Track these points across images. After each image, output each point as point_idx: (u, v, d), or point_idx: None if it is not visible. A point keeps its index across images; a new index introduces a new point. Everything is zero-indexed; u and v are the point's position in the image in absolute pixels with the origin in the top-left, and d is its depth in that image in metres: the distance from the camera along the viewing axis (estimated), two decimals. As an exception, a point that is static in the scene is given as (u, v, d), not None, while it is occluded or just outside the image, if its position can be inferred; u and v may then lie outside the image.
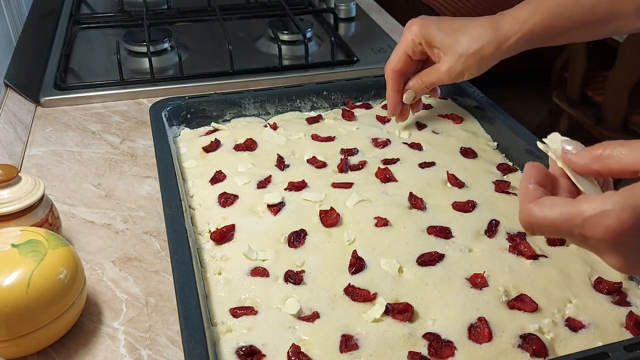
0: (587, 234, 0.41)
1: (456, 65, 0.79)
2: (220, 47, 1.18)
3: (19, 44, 1.17)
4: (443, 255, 0.67)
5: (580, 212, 0.41)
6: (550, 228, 0.43)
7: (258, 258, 0.67)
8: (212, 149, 0.86)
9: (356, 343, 0.58)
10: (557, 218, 0.42)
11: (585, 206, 0.40)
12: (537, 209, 0.43)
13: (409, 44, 0.83)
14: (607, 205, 0.39)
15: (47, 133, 0.98)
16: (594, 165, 0.43)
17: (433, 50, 0.82)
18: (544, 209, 0.43)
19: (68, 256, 0.61)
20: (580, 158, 0.44)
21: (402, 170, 0.81)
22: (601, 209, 0.39)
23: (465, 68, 0.80)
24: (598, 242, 0.41)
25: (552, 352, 0.57)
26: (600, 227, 0.40)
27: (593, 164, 0.43)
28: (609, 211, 0.39)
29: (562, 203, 0.42)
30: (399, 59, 0.84)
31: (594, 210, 0.40)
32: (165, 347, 0.62)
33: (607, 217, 0.39)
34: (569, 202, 0.42)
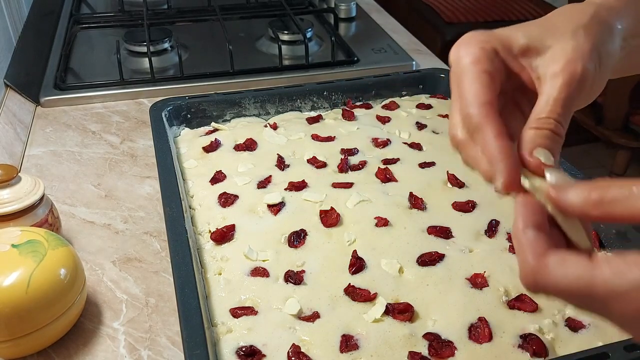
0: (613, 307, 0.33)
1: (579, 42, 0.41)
2: (221, 47, 1.18)
3: (19, 44, 1.17)
4: (443, 255, 0.67)
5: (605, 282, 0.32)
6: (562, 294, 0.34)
7: (258, 258, 0.67)
8: (212, 149, 0.86)
9: (356, 343, 0.58)
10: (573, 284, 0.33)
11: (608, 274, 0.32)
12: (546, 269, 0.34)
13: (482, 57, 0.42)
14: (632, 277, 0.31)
15: (47, 133, 0.98)
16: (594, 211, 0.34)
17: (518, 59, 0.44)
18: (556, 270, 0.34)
19: (68, 256, 0.61)
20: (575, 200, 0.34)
21: (402, 170, 0.81)
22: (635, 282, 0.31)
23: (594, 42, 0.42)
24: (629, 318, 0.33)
25: (552, 352, 0.57)
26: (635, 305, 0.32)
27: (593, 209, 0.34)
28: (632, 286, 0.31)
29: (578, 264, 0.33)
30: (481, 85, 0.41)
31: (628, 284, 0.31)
32: (165, 347, 0.62)
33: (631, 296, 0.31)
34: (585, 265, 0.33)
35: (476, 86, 0.41)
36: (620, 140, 2.02)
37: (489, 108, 0.40)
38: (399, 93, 1.00)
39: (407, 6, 2.65)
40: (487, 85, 0.41)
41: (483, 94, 0.41)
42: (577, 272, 0.33)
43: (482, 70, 0.41)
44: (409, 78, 1.01)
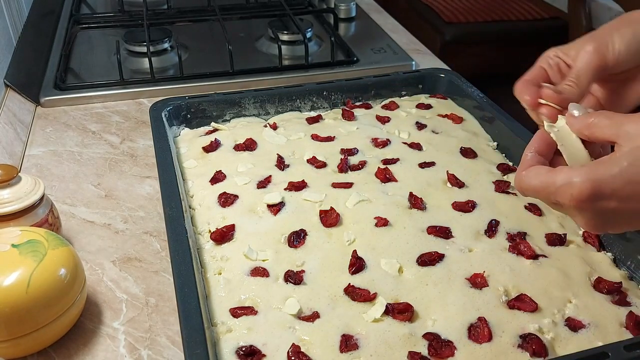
0: (559, 200, 0.48)
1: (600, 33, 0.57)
2: (221, 47, 1.18)
3: (19, 44, 1.17)
4: (443, 255, 0.67)
5: (553, 182, 0.47)
6: (533, 194, 0.50)
7: (258, 258, 0.67)
8: (212, 149, 0.86)
9: (356, 343, 0.58)
10: (537, 186, 0.49)
11: (558, 177, 0.47)
12: (524, 177, 0.50)
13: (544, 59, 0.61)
14: (573, 177, 0.46)
15: (47, 133, 0.98)
16: (585, 131, 0.49)
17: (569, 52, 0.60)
18: (529, 178, 0.50)
19: (68, 256, 0.61)
20: (577, 122, 0.50)
21: (402, 170, 0.81)
22: (568, 180, 0.46)
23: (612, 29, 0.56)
24: (567, 207, 0.48)
25: (552, 352, 0.57)
26: (566, 195, 0.47)
27: (584, 129, 0.49)
28: (574, 182, 0.46)
29: (543, 173, 0.49)
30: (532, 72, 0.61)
31: (563, 181, 0.47)
32: (165, 347, 0.62)
33: (572, 188, 0.46)
34: (549, 172, 0.48)
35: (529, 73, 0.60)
36: (620, 140, 2.01)
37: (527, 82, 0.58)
38: (398, 93, 1.00)
39: (406, 6, 2.65)
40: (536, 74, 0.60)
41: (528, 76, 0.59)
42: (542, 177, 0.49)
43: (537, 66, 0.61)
44: (409, 78, 1.01)
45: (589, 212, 0.47)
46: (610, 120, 0.48)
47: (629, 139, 0.46)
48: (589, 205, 0.46)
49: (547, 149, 0.54)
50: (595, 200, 0.46)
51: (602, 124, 0.48)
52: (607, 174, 0.45)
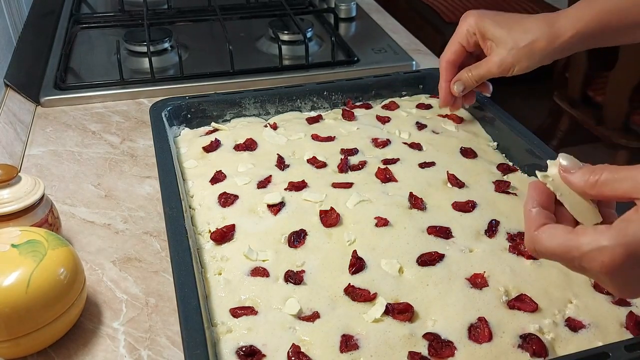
0: (585, 266, 0.44)
1: (507, 57, 0.79)
2: (221, 47, 1.18)
3: (19, 43, 1.17)
4: (443, 255, 0.67)
5: (577, 247, 0.43)
6: (552, 257, 0.46)
7: (258, 258, 0.67)
8: (212, 149, 0.86)
9: (356, 343, 0.58)
10: (557, 250, 0.45)
11: (583, 240, 0.43)
12: (539, 238, 0.46)
13: (464, 35, 0.84)
14: (601, 241, 0.42)
15: (47, 133, 0.98)
16: (590, 191, 0.46)
17: (486, 42, 0.82)
18: (546, 240, 0.46)
19: (68, 256, 0.61)
20: (577, 181, 0.46)
21: (402, 170, 0.81)
22: (597, 246, 0.42)
23: (515, 60, 0.79)
24: (595, 274, 0.44)
25: (552, 352, 0.57)
26: (596, 262, 0.42)
27: (590, 189, 0.46)
28: (604, 248, 0.42)
29: (561, 234, 0.45)
30: (453, 50, 0.85)
31: (590, 246, 0.42)
32: (165, 347, 0.62)
33: (602, 254, 0.42)
34: (569, 234, 0.44)
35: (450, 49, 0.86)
36: (621, 140, 2.01)
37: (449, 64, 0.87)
38: (398, 93, 1.00)
39: (407, 6, 2.65)
40: (456, 51, 0.86)
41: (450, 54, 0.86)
42: (561, 241, 0.44)
43: (458, 42, 0.85)
44: (409, 78, 1.01)
45: (622, 278, 0.43)
46: (620, 175, 0.44)
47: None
48: (623, 272, 0.42)
49: (548, 200, 0.50)
50: (629, 266, 0.42)
51: (610, 180, 0.44)
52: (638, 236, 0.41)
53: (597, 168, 0.46)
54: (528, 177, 0.81)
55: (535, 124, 2.50)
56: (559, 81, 2.36)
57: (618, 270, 0.42)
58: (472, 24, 0.83)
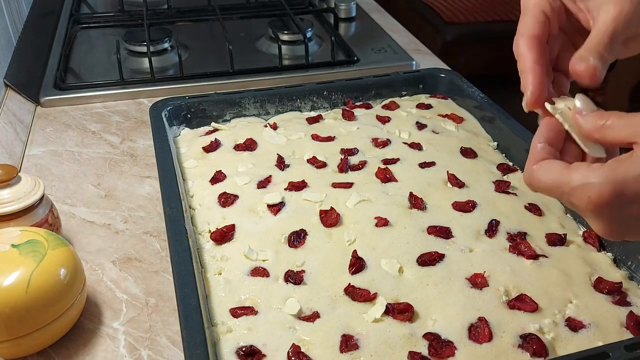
0: (573, 202, 0.44)
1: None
2: (221, 47, 1.18)
3: (19, 43, 1.17)
4: (443, 255, 0.67)
5: (568, 182, 0.44)
6: (545, 191, 0.46)
7: (258, 258, 0.67)
8: (212, 149, 0.86)
9: (356, 343, 0.58)
10: (550, 184, 0.45)
11: (573, 176, 0.43)
12: (536, 172, 0.46)
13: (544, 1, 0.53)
14: (591, 178, 0.42)
15: (47, 133, 0.98)
16: (595, 134, 0.45)
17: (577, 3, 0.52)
18: (541, 173, 0.46)
19: (68, 256, 0.61)
20: (586, 123, 0.46)
21: (402, 170, 0.81)
22: (585, 181, 0.42)
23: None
24: (582, 210, 0.44)
25: (552, 352, 0.57)
26: (583, 198, 0.43)
27: (594, 132, 0.45)
28: (592, 184, 0.42)
29: (557, 170, 0.45)
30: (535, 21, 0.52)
31: (579, 182, 0.43)
32: (165, 347, 0.62)
33: (589, 189, 0.42)
34: (563, 169, 0.44)
35: (530, 22, 0.51)
36: (620, 140, 2.02)
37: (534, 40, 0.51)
38: (398, 93, 1.00)
39: (407, 6, 2.65)
40: (541, 22, 0.51)
41: (533, 28, 0.51)
42: (554, 175, 0.44)
43: (539, 10, 0.52)
44: (409, 78, 1.01)
45: (607, 217, 0.43)
46: (625, 120, 0.44)
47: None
48: (609, 210, 0.42)
49: (556, 137, 0.48)
50: (616, 205, 0.42)
51: (616, 125, 0.44)
52: (630, 175, 0.41)
53: (606, 113, 0.45)
54: (528, 177, 0.81)
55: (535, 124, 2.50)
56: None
57: (603, 208, 0.42)
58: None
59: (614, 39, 0.49)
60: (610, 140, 0.45)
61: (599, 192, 0.42)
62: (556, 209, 0.76)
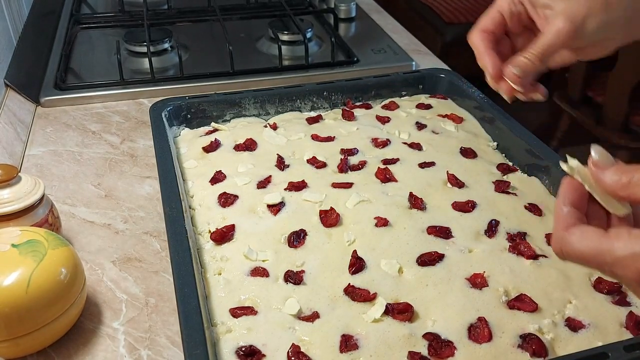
0: (617, 273, 0.41)
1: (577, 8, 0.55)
2: (221, 47, 1.18)
3: (19, 43, 1.17)
4: (443, 256, 0.67)
5: (610, 251, 0.41)
6: (580, 260, 0.43)
7: (258, 258, 0.67)
8: (212, 149, 0.86)
9: (356, 343, 0.58)
10: (588, 253, 0.42)
11: (616, 245, 0.40)
12: (568, 239, 0.43)
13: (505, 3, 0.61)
14: (637, 247, 0.39)
15: (47, 133, 0.98)
16: (622, 192, 0.42)
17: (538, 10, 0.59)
18: (575, 241, 0.43)
19: (68, 256, 0.61)
20: (610, 181, 0.43)
21: (402, 171, 0.81)
22: (631, 251, 0.40)
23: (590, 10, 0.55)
24: (629, 281, 0.41)
25: (552, 352, 0.57)
26: (631, 269, 0.40)
27: (621, 190, 0.42)
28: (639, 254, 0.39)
29: (593, 237, 0.42)
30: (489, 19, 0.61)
31: (625, 252, 0.40)
32: (165, 347, 0.62)
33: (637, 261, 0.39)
34: (601, 237, 0.42)
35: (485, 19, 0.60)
36: (620, 141, 2.01)
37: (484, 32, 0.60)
38: (398, 93, 1.00)
39: (407, 6, 2.65)
40: (494, 20, 0.60)
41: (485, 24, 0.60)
42: (593, 244, 0.41)
43: (497, 11, 0.60)
44: (409, 78, 1.01)
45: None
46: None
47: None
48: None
49: (580, 199, 0.46)
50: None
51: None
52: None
53: (630, 169, 0.42)
54: (528, 177, 0.81)
55: (535, 124, 2.50)
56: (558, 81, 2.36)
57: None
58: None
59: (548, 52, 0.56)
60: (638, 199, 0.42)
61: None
62: (556, 209, 0.76)
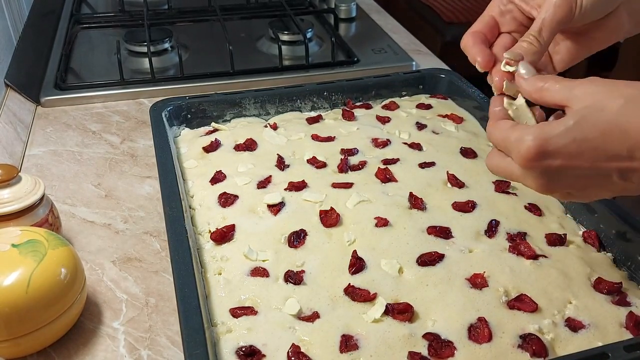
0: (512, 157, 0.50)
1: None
2: (221, 47, 1.18)
3: (20, 43, 1.17)
4: (443, 256, 0.67)
5: (509, 137, 0.49)
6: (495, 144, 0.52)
7: (258, 258, 0.67)
8: (213, 149, 0.86)
9: (356, 343, 0.58)
10: (498, 139, 0.51)
11: (512, 134, 0.49)
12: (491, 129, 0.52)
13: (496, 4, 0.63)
14: (524, 135, 0.48)
15: (47, 133, 0.98)
16: (535, 94, 0.51)
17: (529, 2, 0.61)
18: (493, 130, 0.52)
19: (68, 256, 0.61)
20: (528, 85, 0.52)
21: (402, 171, 0.81)
22: (520, 137, 0.48)
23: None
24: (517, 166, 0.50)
25: (552, 352, 0.57)
26: (516, 152, 0.49)
27: (534, 93, 0.51)
28: (524, 139, 0.48)
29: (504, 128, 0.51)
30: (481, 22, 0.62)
31: (516, 137, 0.49)
32: (165, 347, 0.62)
33: (521, 145, 0.48)
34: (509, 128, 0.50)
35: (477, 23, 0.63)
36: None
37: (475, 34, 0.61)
38: (398, 93, 1.00)
39: (407, 6, 2.65)
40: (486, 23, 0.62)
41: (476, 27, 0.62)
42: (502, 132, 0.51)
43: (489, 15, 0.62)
44: (409, 78, 1.01)
45: (535, 170, 0.49)
46: (560, 85, 0.50)
47: (577, 101, 0.48)
48: (536, 163, 0.48)
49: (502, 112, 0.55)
50: (542, 158, 0.47)
51: (552, 88, 0.50)
52: (554, 132, 0.47)
53: (545, 77, 0.51)
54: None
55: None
56: (558, 81, 2.36)
57: (531, 162, 0.48)
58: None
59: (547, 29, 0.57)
60: (547, 101, 0.50)
61: (527, 146, 0.47)
62: (556, 209, 0.76)
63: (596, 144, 0.46)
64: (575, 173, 0.48)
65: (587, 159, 0.47)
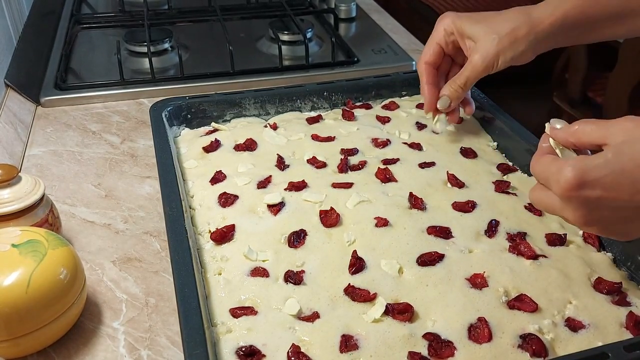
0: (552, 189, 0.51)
1: (490, 48, 0.77)
2: (221, 47, 1.18)
3: (20, 43, 1.17)
4: (443, 256, 0.67)
5: (549, 169, 0.52)
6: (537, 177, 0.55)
7: (258, 258, 0.67)
8: (213, 149, 0.86)
9: (356, 343, 0.58)
10: (540, 171, 0.53)
11: (552, 167, 0.51)
12: (534, 162, 0.55)
13: (442, 35, 0.82)
14: (563, 168, 0.50)
15: (47, 133, 0.98)
16: (570, 138, 0.54)
17: (465, 41, 0.81)
18: (536, 164, 0.54)
19: (68, 256, 0.61)
20: (561, 132, 0.55)
21: (402, 171, 0.81)
22: (558, 170, 0.50)
23: (499, 50, 0.77)
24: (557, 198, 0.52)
25: (552, 352, 0.57)
26: (555, 184, 0.50)
27: (570, 137, 0.54)
28: (563, 171, 0.49)
29: (546, 162, 0.53)
30: (431, 51, 0.83)
31: (554, 170, 0.51)
32: (165, 347, 0.62)
33: (560, 176, 0.49)
34: (551, 161, 0.52)
35: (428, 50, 0.83)
36: (620, 141, 2.01)
37: (427, 65, 0.84)
38: (398, 93, 1.00)
39: (407, 6, 2.65)
40: (435, 52, 0.83)
41: (429, 55, 0.83)
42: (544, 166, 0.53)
43: (436, 42, 0.83)
44: (409, 78, 1.01)
45: (575, 201, 0.50)
46: (595, 125, 0.52)
47: (614, 137, 0.50)
48: (575, 192, 0.49)
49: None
50: (581, 188, 0.49)
51: (587, 129, 0.52)
52: (592, 164, 0.49)
53: (578, 121, 0.54)
54: (528, 177, 0.81)
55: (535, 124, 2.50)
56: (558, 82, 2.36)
57: (570, 192, 0.49)
58: (449, 23, 0.81)
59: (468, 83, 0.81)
60: (584, 142, 0.53)
61: (566, 177, 0.49)
62: (556, 209, 0.76)
63: (635, 176, 0.47)
64: (614, 205, 0.49)
65: (626, 192, 0.48)
